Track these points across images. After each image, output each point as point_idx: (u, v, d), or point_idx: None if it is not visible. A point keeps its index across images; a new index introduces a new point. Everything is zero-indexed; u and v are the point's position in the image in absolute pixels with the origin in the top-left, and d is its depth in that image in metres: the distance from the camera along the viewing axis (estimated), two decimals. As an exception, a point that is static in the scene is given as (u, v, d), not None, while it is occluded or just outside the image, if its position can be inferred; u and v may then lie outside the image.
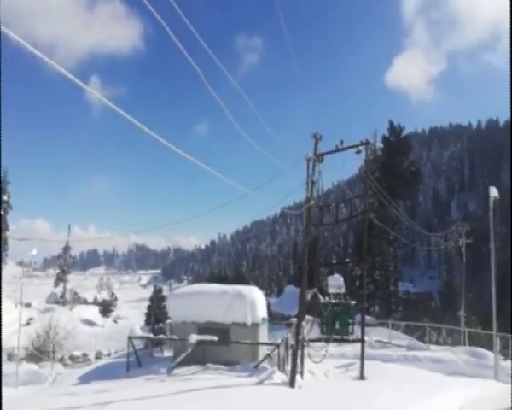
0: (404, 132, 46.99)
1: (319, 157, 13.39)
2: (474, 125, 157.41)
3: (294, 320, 15.39)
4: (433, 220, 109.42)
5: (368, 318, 33.99)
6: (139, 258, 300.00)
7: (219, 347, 14.89)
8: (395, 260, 43.76)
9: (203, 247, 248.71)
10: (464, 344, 24.16)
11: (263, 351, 15.19)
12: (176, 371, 14.17)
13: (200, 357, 14.91)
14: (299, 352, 13.52)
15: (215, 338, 14.63)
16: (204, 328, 15.38)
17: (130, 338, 16.10)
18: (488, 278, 18.07)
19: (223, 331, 15.19)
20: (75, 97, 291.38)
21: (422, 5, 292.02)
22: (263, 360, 14.24)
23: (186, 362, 14.57)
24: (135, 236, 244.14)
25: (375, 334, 25.12)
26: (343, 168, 14.95)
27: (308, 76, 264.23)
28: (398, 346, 22.51)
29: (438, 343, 26.59)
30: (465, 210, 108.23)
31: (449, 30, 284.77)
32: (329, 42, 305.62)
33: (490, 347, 18.33)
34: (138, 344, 18.98)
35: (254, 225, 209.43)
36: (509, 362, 18.66)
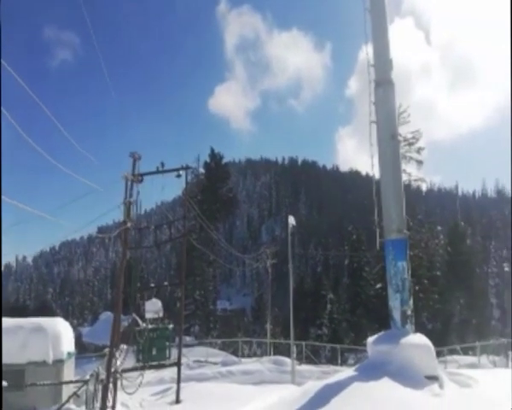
0: (224, 160, 51.00)
1: (137, 177, 13.03)
2: (280, 160, 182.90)
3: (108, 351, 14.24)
4: (247, 242, 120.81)
5: (187, 338, 34.45)
6: None
7: (10, 393, 12.39)
8: (214, 280, 46.12)
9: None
10: (270, 354, 27.13)
11: (68, 390, 13.42)
12: None
13: (-20, 410, 12.05)
14: (111, 385, 12.52)
15: (4, 383, 12.13)
16: (-11, 373, 12.59)
17: None
18: (288, 293, 20.95)
19: (15, 373, 12.76)
20: None
21: (242, 45, 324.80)
22: (67, 401, 12.57)
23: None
24: None
25: (193, 354, 25.58)
26: (164, 191, 14.96)
27: (132, 97, 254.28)
28: (214, 363, 23.48)
29: (249, 356, 29.06)
30: (272, 234, 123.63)
31: (263, 72, 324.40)
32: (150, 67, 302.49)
33: (289, 354, 21.10)
34: None
35: (64, 245, 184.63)
36: (303, 366, 21.87)
